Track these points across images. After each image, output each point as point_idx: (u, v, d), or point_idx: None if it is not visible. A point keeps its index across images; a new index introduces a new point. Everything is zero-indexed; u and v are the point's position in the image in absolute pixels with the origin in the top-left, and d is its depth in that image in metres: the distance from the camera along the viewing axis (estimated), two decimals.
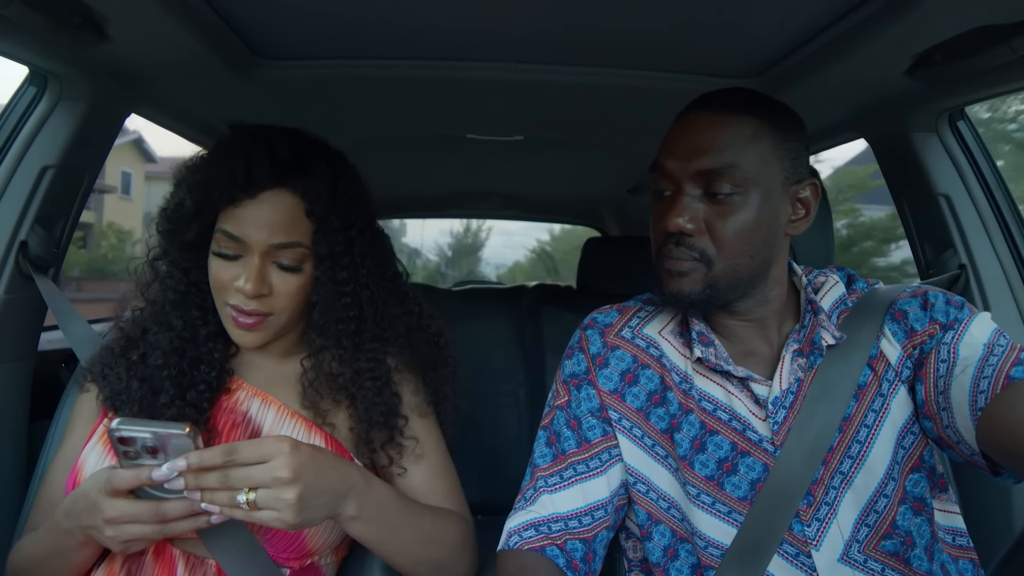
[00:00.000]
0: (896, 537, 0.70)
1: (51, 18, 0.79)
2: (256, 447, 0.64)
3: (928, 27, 0.82)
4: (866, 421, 0.73)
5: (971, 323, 0.73)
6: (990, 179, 1.14)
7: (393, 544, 0.75)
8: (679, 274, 0.74)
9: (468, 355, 0.97)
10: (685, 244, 0.73)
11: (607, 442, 0.80)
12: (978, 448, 0.65)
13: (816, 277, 0.83)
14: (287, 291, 0.79)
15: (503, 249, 28.65)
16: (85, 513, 0.66)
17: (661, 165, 0.75)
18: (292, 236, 0.77)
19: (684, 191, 0.73)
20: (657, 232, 0.76)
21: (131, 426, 0.62)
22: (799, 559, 0.71)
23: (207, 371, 0.81)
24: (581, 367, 0.84)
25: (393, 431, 0.82)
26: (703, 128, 0.73)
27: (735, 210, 0.72)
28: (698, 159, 0.72)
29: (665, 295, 0.76)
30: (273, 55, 1.10)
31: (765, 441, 0.74)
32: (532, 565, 0.74)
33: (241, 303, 0.77)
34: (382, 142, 1.74)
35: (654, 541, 0.78)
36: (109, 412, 0.80)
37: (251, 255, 0.77)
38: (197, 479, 0.63)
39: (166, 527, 0.66)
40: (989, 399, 0.64)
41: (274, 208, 0.77)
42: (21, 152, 1.00)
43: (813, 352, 0.76)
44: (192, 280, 0.82)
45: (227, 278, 0.78)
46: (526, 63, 1.11)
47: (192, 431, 0.62)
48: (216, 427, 0.79)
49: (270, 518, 0.63)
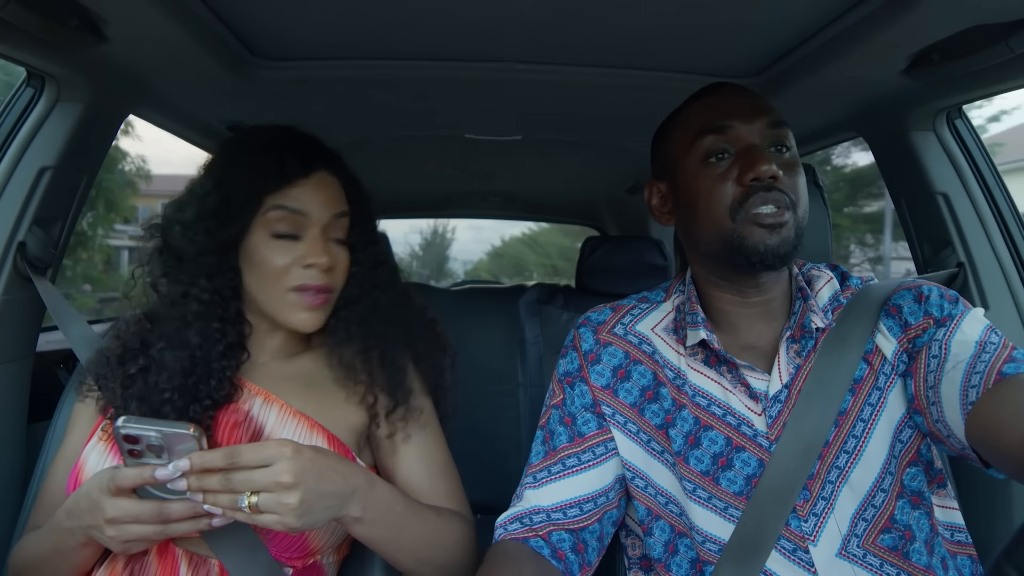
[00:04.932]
0: (895, 531, 0.70)
1: (49, 19, 0.78)
2: (258, 451, 0.64)
3: (925, 26, 0.82)
4: (862, 415, 0.74)
5: (964, 319, 0.73)
6: (988, 178, 1.14)
7: (396, 544, 0.75)
8: (779, 225, 0.72)
9: (467, 355, 0.97)
10: (775, 188, 0.73)
11: (602, 436, 0.80)
12: (967, 443, 0.65)
13: (809, 270, 0.84)
14: (343, 264, 0.84)
15: (473, 244, 28.90)
16: (87, 513, 0.66)
17: (723, 126, 0.76)
18: (344, 208, 0.84)
19: (756, 145, 0.75)
20: (726, 192, 0.74)
21: (137, 424, 0.62)
22: (797, 554, 0.71)
23: (217, 388, 0.78)
24: (574, 365, 0.85)
25: (397, 392, 0.84)
26: (752, 94, 0.79)
27: (795, 164, 0.76)
28: (766, 115, 0.76)
29: (756, 251, 0.73)
30: (271, 56, 1.10)
31: (760, 436, 0.75)
32: (514, 553, 0.74)
33: (312, 279, 0.79)
34: (380, 142, 1.74)
35: (655, 536, 0.78)
36: (109, 413, 0.79)
37: (312, 229, 0.80)
38: (199, 481, 0.63)
39: (168, 528, 0.66)
40: (980, 394, 0.64)
41: (326, 185, 0.82)
42: (19, 153, 1.00)
43: (804, 336, 0.77)
44: (216, 287, 0.79)
45: (286, 261, 0.79)
46: (524, 63, 1.11)
47: (197, 431, 0.62)
48: (217, 426, 0.79)
49: (272, 521, 0.63)
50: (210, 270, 0.79)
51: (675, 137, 0.81)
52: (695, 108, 0.80)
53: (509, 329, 1.83)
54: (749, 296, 0.79)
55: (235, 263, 0.81)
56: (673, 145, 0.81)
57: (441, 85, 1.24)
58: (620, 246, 1.88)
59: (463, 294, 2.03)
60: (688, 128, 0.78)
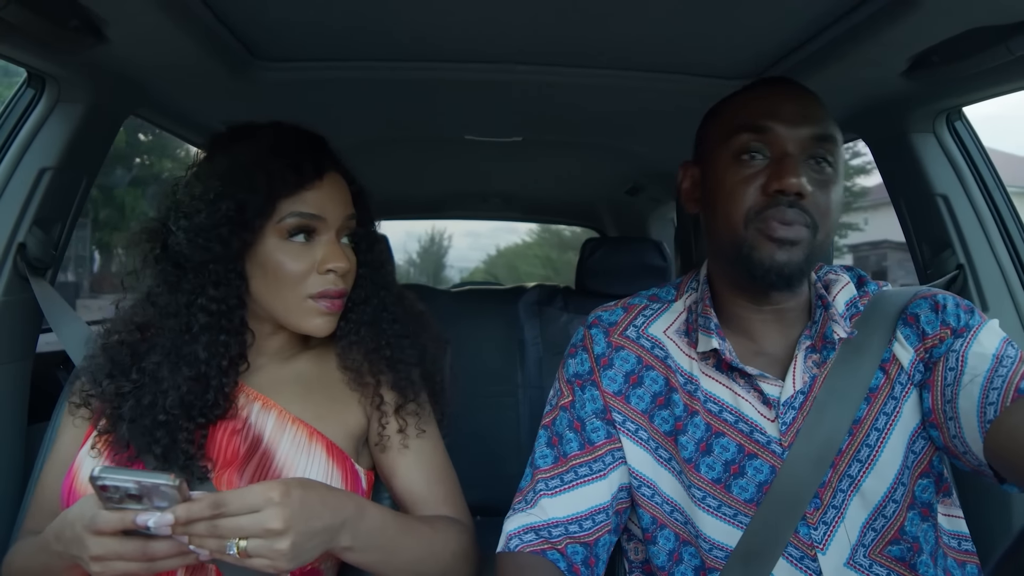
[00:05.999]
0: (903, 543, 0.70)
1: (49, 20, 0.78)
2: (244, 498, 0.62)
3: (925, 28, 0.82)
4: (877, 424, 0.73)
5: (980, 331, 0.72)
6: (988, 180, 1.14)
7: (390, 565, 0.74)
8: (791, 243, 0.70)
9: (467, 356, 0.97)
10: (797, 206, 0.69)
11: (611, 444, 0.79)
12: (985, 460, 0.65)
13: (826, 275, 0.82)
14: (354, 267, 0.83)
15: (469, 251, 29.01)
16: (72, 544, 0.64)
17: (764, 126, 0.72)
18: (352, 208, 0.83)
19: (792, 155, 0.71)
20: (749, 195, 0.72)
21: (114, 475, 0.59)
22: (804, 562, 0.70)
23: (213, 406, 0.76)
24: (585, 367, 0.82)
25: (407, 389, 0.84)
26: (806, 98, 0.74)
27: (832, 181, 0.72)
28: (811, 125, 0.71)
29: (762, 266, 0.71)
30: (272, 57, 1.10)
31: (773, 443, 0.74)
32: (532, 566, 0.74)
33: (331, 284, 0.78)
34: (380, 144, 1.74)
35: (659, 545, 0.77)
36: (100, 424, 0.77)
37: (327, 233, 0.79)
38: (185, 528, 0.61)
39: (154, 564, 0.64)
40: (998, 412, 0.63)
41: (338, 186, 0.81)
42: (19, 154, 1.00)
43: (826, 347, 0.75)
44: (222, 296, 0.76)
45: (303, 267, 0.77)
46: (525, 64, 1.11)
47: (176, 479, 0.59)
48: (214, 433, 0.77)
49: (262, 565, 0.62)
50: (217, 278, 0.75)
51: (717, 124, 0.78)
52: (743, 99, 0.76)
53: (509, 330, 1.83)
54: (762, 304, 0.77)
55: (242, 270, 0.78)
56: (714, 131, 0.78)
57: (441, 86, 1.24)
58: (620, 247, 1.89)
59: (463, 295, 2.03)
60: (730, 119, 0.75)
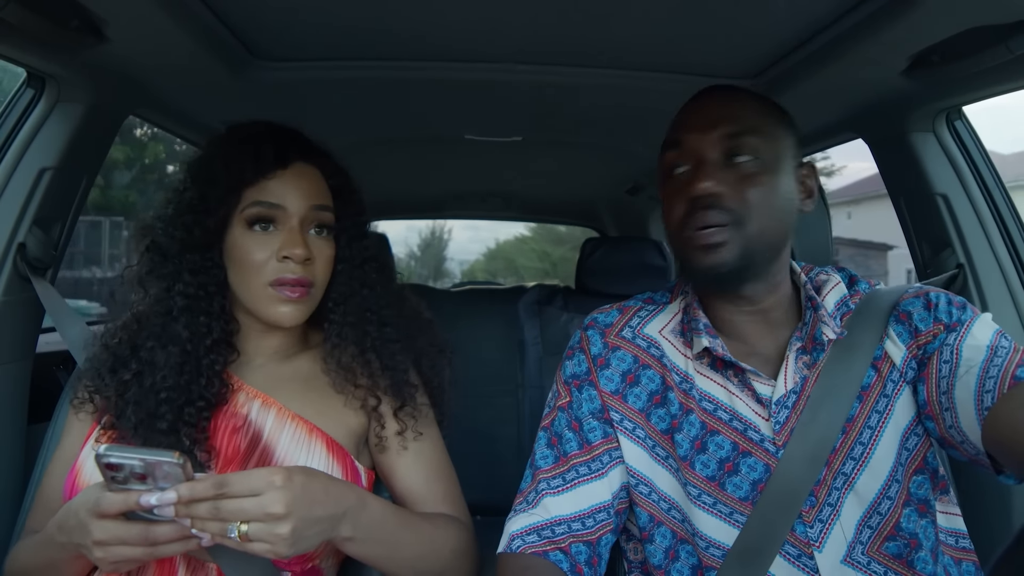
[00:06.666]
0: (900, 539, 0.70)
1: (49, 20, 0.78)
2: (247, 481, 0.62)
3: (925, 27, 0.82)
4: (870, 422, 0.73)
5: (973, 324, 0.73)
6: (987, 179, 1.14)
7: (391, 560, 0.74)
8: (715, 246, 0.72)
9: (467, 356, 0.97)
10: (716, 206, 0.72)
11: (608, 444, 0.80)
12: (983, 448, 0.65)
13: (817, 275, 0.83)
14: (324, 257, 0.82)
15: (469, 244, 29.23)
16: (75, 531, 0.65)
17: (678, 140, 0.76)
18: (325, 200, 0.82)
19: (706, 159, 0.73)
20: (677, 208, 0.74)
21: (119, 453, 0.60)
22: (801, 560, 0.71)
23: (207, 387, 0.78)
24: (582, 368, 0.84)
25: (403, 390, 0.84)
26: (719, 102, 0.77)
27: (757, 175, 0.73)
28: (720, 126, 0.74)
29: (698, 272, 0.74)
30: (271, 57, 1.10)
31: (767, 441, 0.74)
32: (534, 567, 0.74)
33: (288, 272, 0.78)
34: (380, 143, 1.74)
35: (656, 543, 0.78)
36: (103, 419, 0.79)
37: (289, 222, 0.79)
38: (188, 508, 0.61)
39: (156, 549, 0.64)
40: (995, 399, 0.64)
41: (305, 176, 0.81)
42: (19, 154, 1.00)
43: (816, 348, 0.76)
44: (200, 283, 0.79)
45: (264, 255, 0.78)
46: (525, 64, 1.11)
47: (181, 458, 0.60)
48: (215, 431, 0.78)
49: (263, 550, 0.62)
50: (193, 266, 0.79)
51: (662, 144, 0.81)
52: (682, 111, 0.79)
53: (509, 330, 1.83)
54: (739, 304, 0.78)
55: (219, 260, 0.80)
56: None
57: (441, 86, 1.24)
58: (620, 247, 1.89)
59: (463, 295, 2.03)
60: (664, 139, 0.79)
